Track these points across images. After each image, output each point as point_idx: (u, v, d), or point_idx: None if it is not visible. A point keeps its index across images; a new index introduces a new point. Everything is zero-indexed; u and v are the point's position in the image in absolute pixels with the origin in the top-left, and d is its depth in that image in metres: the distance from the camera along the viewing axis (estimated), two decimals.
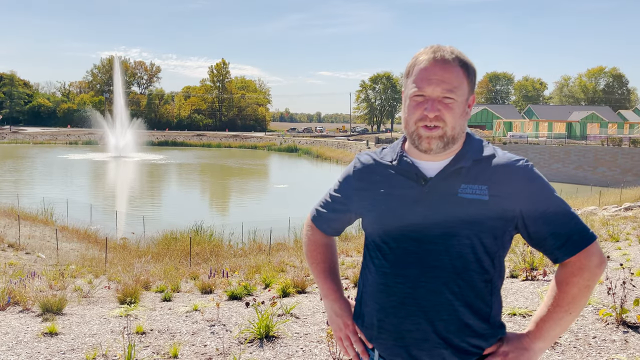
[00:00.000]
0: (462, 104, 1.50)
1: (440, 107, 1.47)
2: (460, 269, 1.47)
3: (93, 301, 7.62)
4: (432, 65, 1.48)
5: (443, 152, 1.52)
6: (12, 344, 4.41)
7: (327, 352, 3.98)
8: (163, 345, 4.32)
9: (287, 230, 20.14)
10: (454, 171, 1.51)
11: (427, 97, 1.48)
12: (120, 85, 76.79)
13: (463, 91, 1.49)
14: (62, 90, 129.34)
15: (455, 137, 1.50)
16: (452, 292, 1.47)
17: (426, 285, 1.49)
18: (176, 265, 13.53)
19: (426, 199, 1.51)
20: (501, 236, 1.49)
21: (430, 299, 1.48)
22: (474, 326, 1.49)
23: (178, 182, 45.49)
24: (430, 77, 1.47)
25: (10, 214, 22.91)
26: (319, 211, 1.80)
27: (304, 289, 7.29)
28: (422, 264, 1.49)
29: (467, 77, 1.50)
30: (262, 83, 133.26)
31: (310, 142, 79.25)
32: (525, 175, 1.49)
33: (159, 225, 20.77)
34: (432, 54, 1.49)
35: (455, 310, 1.48)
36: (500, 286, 1.56)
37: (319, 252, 1.83)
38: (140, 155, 61.87)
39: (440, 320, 1.48)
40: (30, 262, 15.24)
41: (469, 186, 1.49)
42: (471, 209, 1.46)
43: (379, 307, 1.57)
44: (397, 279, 1.52)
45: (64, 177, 44.18)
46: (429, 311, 1.49)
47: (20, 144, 79.88)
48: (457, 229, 1.46)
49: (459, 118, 1.49)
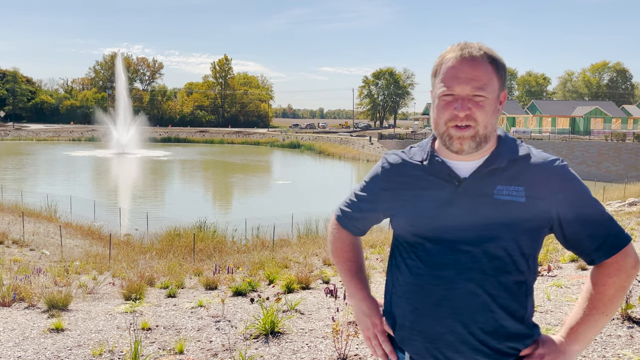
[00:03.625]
0: (493, 101, 1.46)
1: (470, 105, 1.43)
2: (497, 271, 1.45)
3: (98, 297, 7.65)
4: (460, 63, 1.44)
5: (475, 152, 1.48)
6: (19, 340, 4.44)
7: (332, 348, 3.99)
8: (169, 341, 4.34)
9: (291, 227, 20.17)
10: (489, 172, 1.48)
11: (457, 96, 1.45)
12: (123, 81, 76.75)
13: (493, 88, 1.46)
14: (64, 87, 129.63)
15: (488, 136, 1.47)
16: (489, 295, 1.46)
17: (462, 288, 1.47)
18: (180, 262, 13.57)
19: (460, 200, 1.48)
20: (537, 238, 1.48)
21: (467, 301, 1.47)
22: (510, 328, 1.47)
23: (181, 178, 45.55)
24: (458, 75, 1.44)
25: (14, 211, 22.98)
26: (344, 211, 1.77)
27: (308, 285, 7.30)
28: (457, 265, 1.46)
29: (496, 73, 1.47)
30: (264, 79, 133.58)
31: (313, 138, 79.19)
32: (562, 176, 1.47)
33: (163, 221, 20.80)
34: (460, 51, 1.46)
35: (492, 312, 1.46)
36: (533, 286, 1.55)
37: (345, 251, 1.79)
38: (143, 152, 61.93)
39: (476, 323, 1.47)
40: (35, 258, 15.29)
41: (505, 187, 1.46)
42: (508, 211, 1.44)
43: (412, 308, 1.54)
44: (432, 281, 1.49)
45: (68, 174, 44.27)
46: (465, 313, 1.47)
47: (24, 141, 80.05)
48: (493, 231, 1.44)
49: (490, 116, 1.46)
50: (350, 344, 3.91)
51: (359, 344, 4.08)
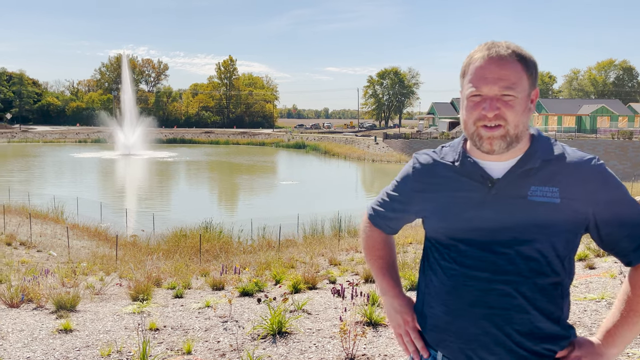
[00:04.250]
0: (523, 100, 1.44)
1: (499, 105, 1.42)
2: (532, 272, 1.44)
3: (105, 298, 7.68)
4: (487, 62, 1.43)
5: (507, 152, 1.46)
6: (28, 341, 4.46)
7: (340, 348, 3.99)
8: (177, 342, 4.35)
9: (296, 227, 20.18)
10: (523, 172, 1.46)
11: (485, 96, 1.43)
12: (129, 83, 77.06)
13: (523, 87, 1.44)
14: (70, 89, 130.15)
15: (519, 135, 1.45)
16: (524, 297, 1.44)
17: (497, 289, 1.45)
18: (186, 262, 13.60)
19: (494, 201, 1.46)
20: (573, 239, 1.46)
21: (502, 302, 1.45)
22: (546, 329, 1.46)
23: (187, 179, 45.66)
24: (486, 75, 1.43)
25: (21, 213, 23.12)
26: (376, 210, 1.77)
27: (314, 285, 7.30)
28: (492, 267, 1.45)
29: (526, 71, 1.45)
30: (269, 80, 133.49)
31: (318, 139, 79.20)
32: (598, 176, 1.45)
33: (169, 222, 20.87)
34: (487, 50, 1.44)
35: (528, 314, 1.45)
36: (569, 287, 1.53)
37: (377, 249, 1.80)
38: (149, 153, 62.13)
39: (511, 324, 1.45)
40: (42, 259, 15.37)
41: (539, 188, 1.44)
42: (542, 212, 1.42)
43: (445, 309, 1.54)
44: (467, 282, 1.48)
45: (74, 176, 44.48)
46: (500, 315, 1.45)
47: (30, 143, 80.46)
48: (528, 233, 1.42)
49: (521, 115, 1.43)
50: (358, 344, 3.91)
51: (366, 344, 4.07)
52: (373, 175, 51.39)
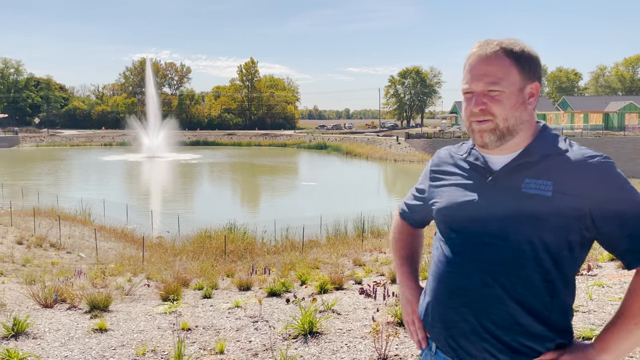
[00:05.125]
0: (513, 94, 1.47)
1: (486, 100, 1.47)
2: (516, 264, 1.43)
3: (135, 298, 7.80)
4: (476, 60, 1.49)
5: (501, 146, 1.49)
6: (65, 340, 4.56)
7: (372, 348, 3.99)
8: (209, 341, 4.40)
9: (319, 228, 20.20)
10: (519, 165, 1.49)
11: (474, 92, 1.50)
12: (152, 86, 78.15)
13: (512, 81, 1.46)
14: (96, 93, 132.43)
15: (511, 129, 1.47)
16: (502, 287, 1.44)
17: (477, 278, 1.47)
18: (212, 263, 13.74)
19: (488, 192, 1.51)
20: (565, 235, 1.42)
21: (480, 291, 1.47)
22: (526, 325, 1.44)
23: (210, 181, 46.08)
24: (473, 72, 1.49)
25: (50, 215, 23.62)
26: (405, 203, 1.88)
27: (341, 286, 7.30)
28: (476, 256, 1.48)
29: (516, 65, 1.47)
30: (290, 81, 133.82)
31: (340, 139, 79.15)
32: (598, 173, 1.43)
33: (193, 223, 21.09)
34: (477, 49, 1.51)
35: (505, 306, 1.44)
36: (566, 289, 1.49)
37: (399, 240, 1.88)
38: (173, 155, 62.88)
39: (488, 314, 1.46)
40: (71, 261, 15.68)
41: (533, 181, 1.46)
42: (532, 204, 1.42)
43: (433, 296, 1.59)
44: (452, 269, 1.53)
45: (100, 178, 45.24)
46: (478, 304, 1.47)
47: (58, 147, 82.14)
48: (515, 224, 1.43)
49: (510, 109, 1.46)
50: (391, 344, 3.90)
51: (398, 344, 4.07)
52: (395, 176, 51.15)
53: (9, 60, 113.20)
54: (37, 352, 4.19)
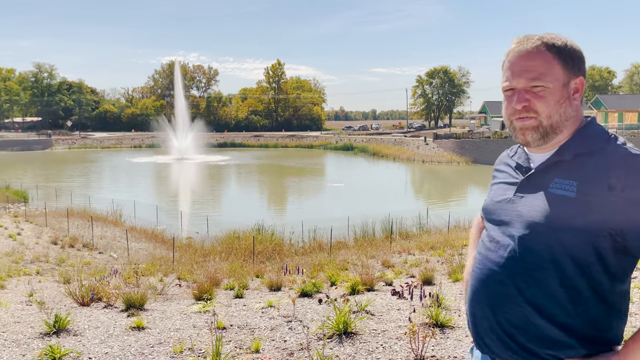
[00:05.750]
0: (557, 90, 1.42)
1: (529, 96, 1.43)
2: (532, 265, 1.39)
3: (168, 298, 7.92)
4: (516, 56, 1.46)
5: (545, 144, 1.46)
6: (104, 337, 4.66)
7: (407, 349, 3.97)
8: (244, 340, 4.44)
9: (347, 229, 20.16)
10: (552, 164, 1.46)
11: (515, 89, 1.46)
12: (181, 89, 79.23)
13: (555, 76, 1.42)
14: (125, 96, 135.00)
15: (555, 126, 1.43)
16: (516, 287, 1.41)
17: (495, 275, 1.46)
18: (241, 264, 13.86)
19: (521, 191, 1.50)
20: (590, 240, 1.33)
21: (496, 289, 1.45)
22: (545, 330, 1.38)
23: (238, 182, 46.48)
24: (514, 68, 1.45)
25: (83, 216, 24.17)
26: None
27: (372, 287, 7.29)
28: (498, 253, 1.47)
29: (559, 59, 1.42)
30: (316, 82, 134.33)
31: (366, 140, 78.95)
32: (634, 173, 1.32)
33: (222, 224, 21.30)
34: (517, 44, 1.47)
35: (519, 306, 1.40)
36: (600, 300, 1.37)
37: (474, 234, 1.89)
38: (201, 157, 63.66)
39: (502, 313, 1.44)
40: (103, 261, 16.01)
41: (561, 181, 1.41)
42: (555, 205, 1.38)
43: (467, 292, 1.60)
44: (478, 265, 1.54)
45: (131, 180, 46.06)
46: (494, 301, 1.46)
47: (89, 149, 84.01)
48: (535, 224, 1.40)
49: (555, 106, 1.42)
50: (427, 345, 3.88)
51: (434, 345, 4.04)
52: (423, 177, 50.77)
53: (43, 65, 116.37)
54: (78, 348, 4.29)
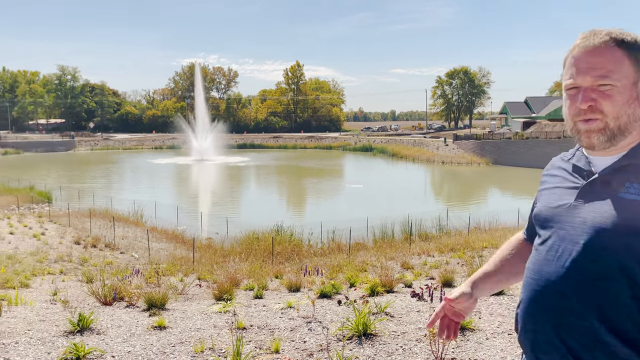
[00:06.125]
0: (625, 89, 1.32)
1: (595, 96, 1.32)
2: (599, 275, 1.28)
3: (189, 298, 8.00)
4: (582, 52, 1.36)
5: (611, 147, 1.36)
6: (127, 336, 4.73)
7: (427, 351, 3.95)
8: (264, 341, 4.47)
9: (366, 230, 20.13)
10: (621, 168, 1.35)
11: (580, 87, 1.35)
12: (201, 91, 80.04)
13: (625, 73, 1.31)
14: (147, 98, 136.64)
15: (623, 128, 1.33)
16: (580, 300, 1.29)
17: (555, 286, 1.33)
18: (260, 264, 13.93)
19: (584, 196, 1.37)
20: None
21: (557, 302, 1.32)
22: (612, 346, 1.26)
23: (257, 183, 46.72)
24: (579, 65, 1.35)
25: (105, 216, 24.53)
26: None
27: (391, 289, 7.27)
28: (558, 262, 1.34)
29: (628, 56, 1.32)
30: (335, 83, 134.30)
31: (385, 141, 78.73)
32: None
33: (241, 225, 21.44)
34: (582, 40, 1.38)
35: (585, 320, 1.28)
36: None
37: (502, 248, 1.76)
38: (221, 158, 64.17)
39: (565, 328, 1.31)
40: (125, 261, 16.21)
41: (633, 185, 1.30)
42: (627, 211, 1.27)
43: (520, 304, 1.47)
44: (534, 275, 1.40)
45: (151, 181, 46.60)
46: (554, 315, 1.33)
47: (111, 150, 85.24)
48: (603, 231, 1.28)
49: (623, 106, 1.32)
50: (447, 348, 3.86)
51: (454, 348, 4.01)
52: (443, 178, 50.44)
53: (66, 68, 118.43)
54: (101, 347, 4.36)
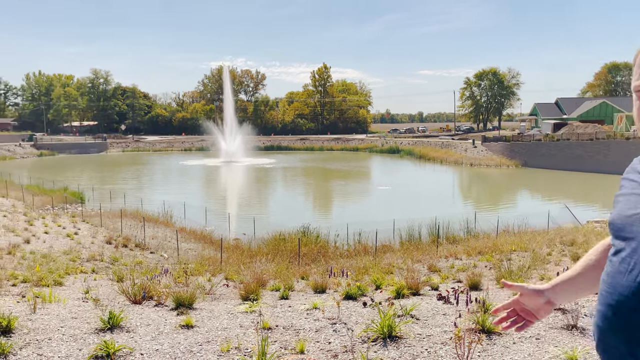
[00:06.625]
0: None
1: None
2: None
3: (216, 297, 8.10)
4: None
5: None
6: (155, 335, 4.82)
7: (453, 354, 3.93)
8: (289, 341, 4.50)
9: (392, 232, 20.01)
10: None
11: None
12: (229, 93, 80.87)
13: None
14: (176, 101, 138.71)
15: None
16: None
17: (627, 301, 1.22)
18: (286, 265, 14.01)
19: None
20: None
21: (630, 317, 1.21)
22: None
23: (284, 185, 46.94)
24: None
25: (135, 216, 24.99)
26: None
27: (417, 291, 7.23)
28: (630, 276, 1.23)
29: None
30: (362, 85, 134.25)
31: (413, 143, 78.17)
32: None
33: (268, 226, 21.58)
34: None
35: None
36: None
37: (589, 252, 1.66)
38: (249, 160, 64.74)
39: (637, 344, 1.20)
40: (154, 260, 16.49)
41: None
42: None
43: (595, 316, 1.35)
44: (607, 288, 1.28)
45: (181, 182, 47.28)
46: (627, 331, 1.22)
47: (142, 152, 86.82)
48: None
49: None
50: (473, 351, 3.83)
51: (480, 351, 3.98)
52: (471, 180, 49.83)
53: (99, 71, 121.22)
54: (130, 344, 4.46)
